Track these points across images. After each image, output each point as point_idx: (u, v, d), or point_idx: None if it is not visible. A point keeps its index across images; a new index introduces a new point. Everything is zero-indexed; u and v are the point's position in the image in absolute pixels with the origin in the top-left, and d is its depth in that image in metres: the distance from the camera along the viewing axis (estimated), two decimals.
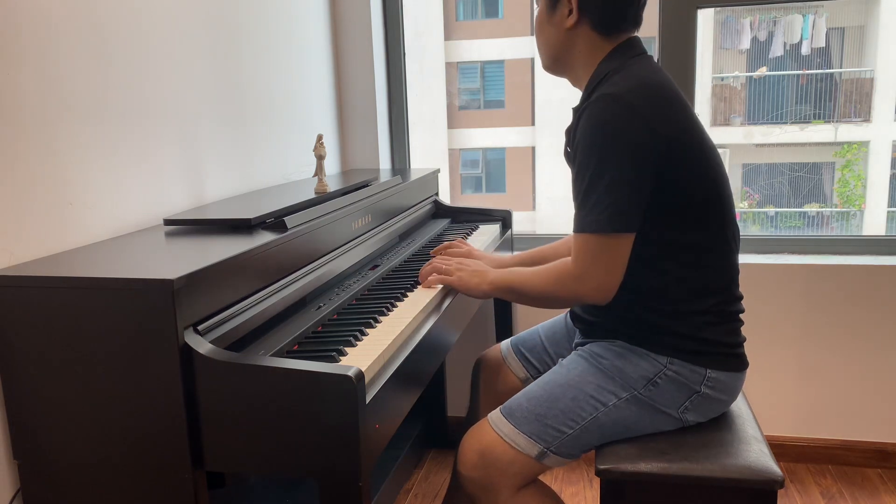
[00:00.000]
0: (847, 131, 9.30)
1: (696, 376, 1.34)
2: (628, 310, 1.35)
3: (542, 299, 1.39)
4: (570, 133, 1.39)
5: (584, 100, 1.38)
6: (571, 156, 1.36)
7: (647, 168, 1.25)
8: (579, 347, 1.46)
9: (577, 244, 1.31)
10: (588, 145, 1.27)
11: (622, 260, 1.29)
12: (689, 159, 1.30)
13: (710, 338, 1.34)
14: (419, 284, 1.56)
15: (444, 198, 2.48)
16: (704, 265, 1.34)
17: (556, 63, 1.44)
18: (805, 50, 9.26)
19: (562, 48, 1.41)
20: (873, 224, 9.20)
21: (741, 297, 1.40)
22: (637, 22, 1.39)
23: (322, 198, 1.64)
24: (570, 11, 1.36)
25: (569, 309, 1.63)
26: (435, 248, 1.81)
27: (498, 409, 1.40)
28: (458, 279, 1.50)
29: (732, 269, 1.38)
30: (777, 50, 9.24)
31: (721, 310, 1.36)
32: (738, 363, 1.38)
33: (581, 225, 1.30)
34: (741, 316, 1.40)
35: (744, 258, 2.24)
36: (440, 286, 1.54)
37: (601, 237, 1.27)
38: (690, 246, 1.33)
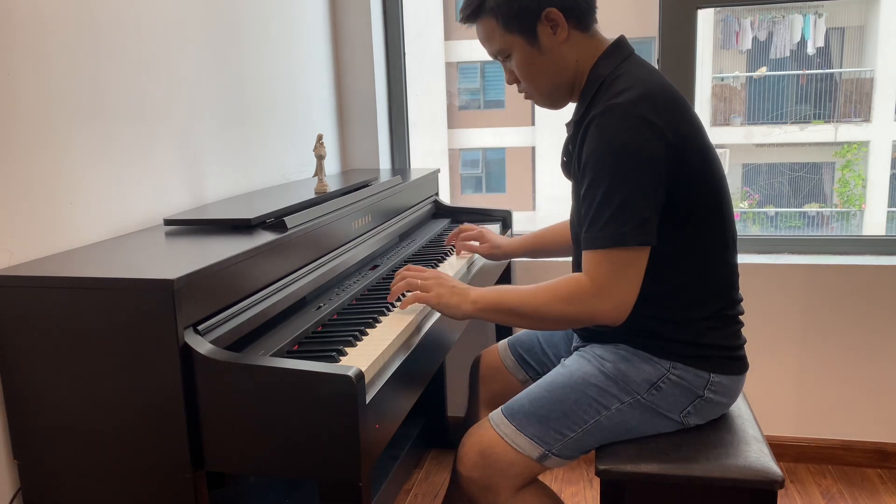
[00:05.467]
0: (847, 131, 9.31)
1: (700, 380, 1.33)
2: (630, 318, 1.29)
3: (547, 320, 1.29)
4: (571, 146, 1.36)
5: (583, 111, 1.32)
6: (575, 170, 1.32)
7: (661, 179, 1.22)
8: (580, 349, 1.46)
9: (594, 260, 1.24)
10: (600, 158, 1.22)
11: (641, 275, 1.24)
12: (695, 167, 1.27)
13: (712, 342, 1.34)
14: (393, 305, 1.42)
15: (444, 198, 2.48)
16: (705, 271, 1.33)
17: (562, 90, 1.37)
18: (808, 50, 9.27)
19: (563, 70, 1.35)
20: (873, 224, 9.21)
21: (741, 300, 1.39)
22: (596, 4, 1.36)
23: (322, 198, 1.64)
24: (554, 27, 1.30)
25: None
26: (450, 235, 1.88)
27: (499, 409, 1.39)
28: (436, 296, 1.33)
29: (732, 273, 1.37)
30: (784, 51, 9.25)
31: (722, 314, 1.35)
32: (739, 366, 1.38)
33: (596, 240, 1.23)
34: (741, 318, 1.39)
35: (744, 258, 2.24)
36: (417, 306, 1.39)
37: (623, 251, 1.21)
38: (692, 253, 1.31)
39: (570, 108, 1.47)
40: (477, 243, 1.83)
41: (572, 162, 1.36)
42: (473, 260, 1.83)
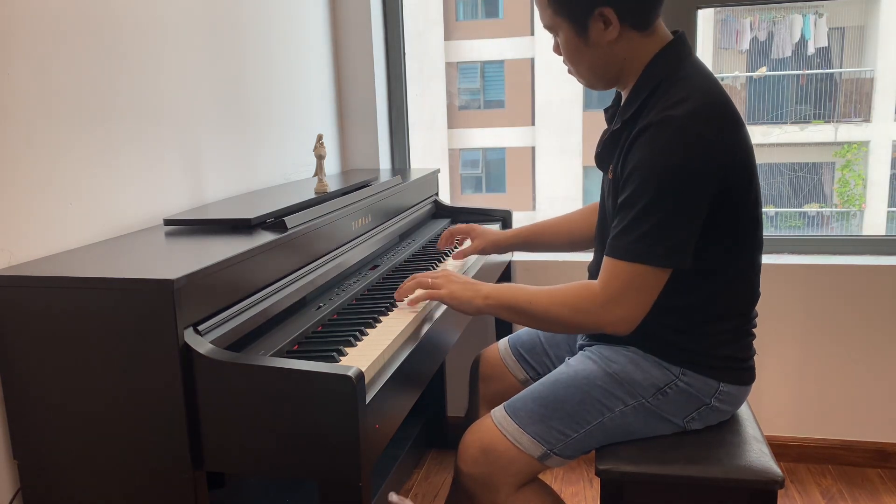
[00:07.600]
0: (847, 131, 9.31)
1: (708, 388, 1.33)
2: (645, 324, 1.26)
3: (553, 322, 1.29)
4: (612, 142, 1.33)
5: (634, 110, 1.28)
6: (618, 173, 1.29)
7: (706, 200, 1.20)
8: (586, 348, 1.44)
9: (612, 268, 1.22)
10: (647, 172, 1.19)
11: (655, 296, 1.23)
12: (740, 187, 1.25)
13: (725, 353, 1.33)
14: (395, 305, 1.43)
15: (444, 198, 2.48)
16: (730, 290, 1.32)
17: (604, 80, 1.34)
18: (808, 50, 9.27)
19: (608, 65, 1.30)
20: (873, 224, 9.21)
21: (756, 315, 1.38)
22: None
23: (322, 198, 1.64)
24: (606, 24, 1.25)
25: None
26: (440, 241, 1.83)
27: (502, 406, 1.39)
28: (449, 292, 1.35)
29: (755, 294, 1.36)
30: (784, 51, 9.25)
31: (740, 329, 1.34)
32: (748, 376, 1.37)
33: (625, 251, 1.20)
34: (754, 331, 1.38)
35: None
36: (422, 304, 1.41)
37: (645, 269, 1.20)
38: (720, 271, 1.29)
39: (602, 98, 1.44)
40: (469, 242, 1.80)
41: (615, 161, 1.32)
42: (468, 265, 1.80)
